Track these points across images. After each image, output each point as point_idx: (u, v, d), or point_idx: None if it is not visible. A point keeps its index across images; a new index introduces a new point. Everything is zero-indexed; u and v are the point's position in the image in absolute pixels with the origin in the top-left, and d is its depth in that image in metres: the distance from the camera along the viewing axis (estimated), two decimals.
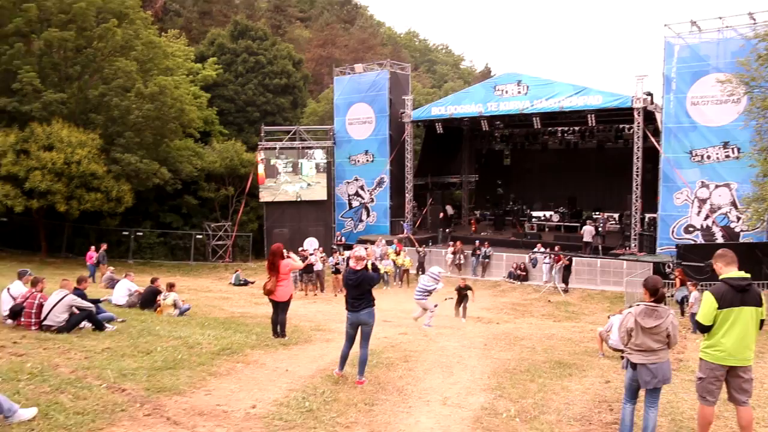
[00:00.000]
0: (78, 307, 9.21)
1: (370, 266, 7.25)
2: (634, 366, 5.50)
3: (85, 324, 9.39)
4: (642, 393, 5.59)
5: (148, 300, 13.52)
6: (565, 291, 23.52)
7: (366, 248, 7.46)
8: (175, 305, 13.09)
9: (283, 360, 8.22)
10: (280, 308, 9.89)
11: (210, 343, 8.68)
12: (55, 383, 6.02)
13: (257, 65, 42.60)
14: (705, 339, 5.52)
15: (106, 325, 9.54)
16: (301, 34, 60.18)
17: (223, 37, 43.67)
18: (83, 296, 9.63)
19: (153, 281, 13.98)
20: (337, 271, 23.67)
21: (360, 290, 7.18)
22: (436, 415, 6.16)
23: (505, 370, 8.45)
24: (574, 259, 24.71)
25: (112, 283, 17.54)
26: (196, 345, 8.45)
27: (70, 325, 9.06)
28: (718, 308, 5.33)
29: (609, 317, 11.52)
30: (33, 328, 9.04)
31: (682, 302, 18.41)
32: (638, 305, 5.56)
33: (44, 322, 9.03)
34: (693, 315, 15.51)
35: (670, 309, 5.48)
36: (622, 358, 10.59)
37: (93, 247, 22.98)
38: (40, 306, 9.09)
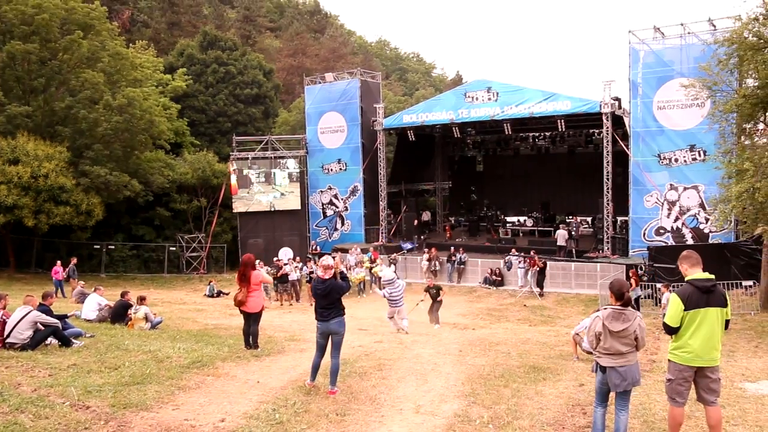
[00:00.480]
0: (43, 324, 8.98)
1: (338, 275, 7.18)
2: (603, 369, 5.50)
3: (52, 340, 9.16)
4: (613, 396, 5.59)
5: (119, 314, 13.26)
6: (541, 295, 23.65)
7: (334, 257, 7.30)
8: (146, 319, 12.86)
9: (254, 372, 8.09)
10: (252, 319, 9.76)
11: (180, 356, 8.51)
12: (15, 403, 5.83)
13: (227, 75, 42.39)
14: (673, 341, 5.54)
15: (73, 341, 9.31)
16: (272, 44, 60.03)
17: (193, 48, 43.39)
18: (48, 312, 9.40)
19: (123, 295, 13.72)
20: (312, 281, 23.50)
21: (329, 299, 7.10)
22: (408, 424, 6.10)
23: (479, 376, 8.42)
24: (548, 263, 24.88)
25: (82, 298, 17.16)
26: (165, 359, 8.28)
27: (35, 342, 8.82)
28: (685, 310, 5.36)
29: (580, 321, 11.60)
30: None
31: (637, 301, 19.36)
32: (605, 309, 5.57)
33: (7, 340, 8.77)
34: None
35: (637, 312, 5.51)
36: None
37: (59, 262, 22.55)
38: (3, 323, 8.83)
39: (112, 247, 32.55)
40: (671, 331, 5.46)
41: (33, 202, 25.54)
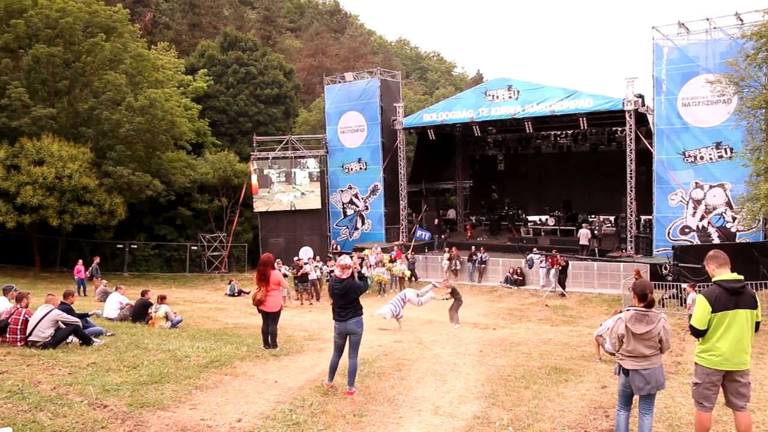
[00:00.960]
0: (64, 322, 9.04)
1: (356, 274, 7.12)
2: (626, 372, 5.35)
3: (72, 339, 9.23)
4: (636, 399, 5.44)
5: (140, 313, 13.34)
6: (563, 294, 23.39)
7: (351, 256, 7.25)
8: (166, 317, 12.92)
9: (272, 371, 8.06)
10: (271, 318, 9.74)
11: (199, 355, 8.52)
12: (34, 401, 5.86)
13: (248, 76, 42.59)
14: (700, 343, 5.36)
15: (94, 339, 9.37)
16: (292, 44, 60.24)
17: (213, 49, 43.66)
18: (70, 311, 9.47)
19: (144, 294, 13.81)
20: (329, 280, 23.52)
21: (347, 299, 7.04)
22: (426, 426, 6.01)
23: (499, 377, 8.31)
24: (571, 262, 24.61)
25: (105, 297, 17.32)
26: (184, 358, 8.29)
27: (56, 340, 8.89)
28: (712, 312, 5.17)
29: (602, 323, 11.41)
30: (19, 344, 8.87)
31: None
32: (628, 310, 5.41)
33: (29, 338, 8.85)
34: (690, 317, 15.42)
35: (661, 314, 5.34)
36: None
37: (81, 261, 22.79)
38: (26, 322, 8.91)
39: (135, 246, 32.88)
40: (698, 333, 5.28)
41: (57, 202, 25.87)
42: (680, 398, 7.32)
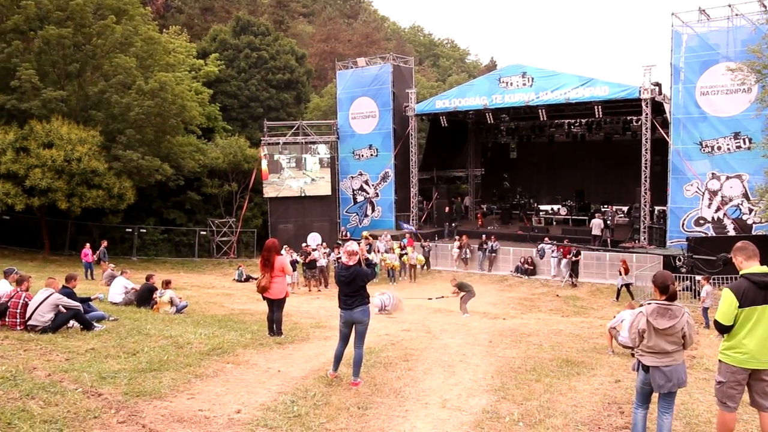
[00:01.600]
0: (65, 306, 8.87)
1: (363, 262, 6.86)
2: (646, 369, 5.05)
3: (73, 324, 9.05)
4: (655, 396, 5.15)
5: (144, 297, 13.19)
6: (574, 285, 23.08)
7: (359, 242, 6.98)
8: (171, 303, 12.76)
9: (276, 360, 7.84)
10: (275, 306, 9.53)
11: (201, 342, 8.31)
12: (26, 388, 5.66)
13: (260, 61, 42.29)
14: (725, 340, 5.03)
15: (95, 324, 9.20)
16: (304, 30, 59.80)
17: (225, 33, 43.36)
18: (71, 295, 9.28)
19: (148, 278, 13.65)
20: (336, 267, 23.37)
21: (353, 287, 6.78)
22: (433, 420, 5.76)
23: (509, 369, 8.05)
24: (582, 252, 24.29)
25: (112, 281, 17.23)
26: (185, 345, 8.09)
27: (56, 324, 8.72)
28: (739, 307, 4.84)
29: (615, 315, 11.11)
30: (18, 328, 8.70)
31: (628, 288, 20.96)
32: (649, 304, 5.08)
33: (29, 322, 8.68)
34: (705, 310, 15.10)
35: (684, 308, 5.02)
36: (632, 355, 10.20)
37: (89, 245, 22.70)
38: (25, 305, 8.74)
39: (144, 230, 32.82)
40: (723, 329, 4.95)
41: (66, 185, 25.76)
42: (697, 394, 7.05)
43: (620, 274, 21.17)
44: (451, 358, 8.60)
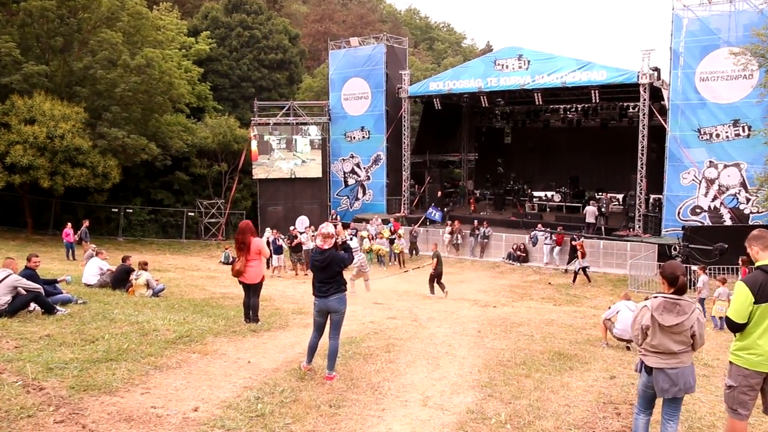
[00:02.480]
0: (24, 288, 8.29)
1: (339, 245, 6.31)
2: (649, 370, 4.50)
3: (35, 307, 8.49)
4: (659, 401, 4.61)
5: (120, 279, 12.64)
6: (566, 271, 22.62)
7: (335, 225, 6.41)
8: (147, 285, 12.20)
9: (247, 349, 7.30)
10: (252, 291, 8.99)
11: (169, 329, 7.76)
12: None
13: (252, 40, 41.45)
14: (737, 339, 4.50)
15: (58, 308, 8.62)
16: (298, 10, 58.77)
17: (217, 11, 42.46)
18: (32, 276, 8.69)
19: (125, 259, 13.08)
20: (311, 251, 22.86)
21: (328, 273, 6.23)
22: (412, 421, 5.23)
23: (498, 362, 7.55)
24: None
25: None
26: (151, 331, 7.53)
27: (14, 308, 8.12)
28: (755, 303, 4.30)
29: (611, 305, 10.63)
30: None
31: (585, 271, 21.01)
32: (655, 297, 4.52)
33: None
34: (701, 301, 14.65)
35: (694, 303, 4.46)
36: (628, 348, 9.74)
37: (69, 224, 22.07)
38: None
39: (130, 210, 32.19)
40: (736, 327, 4.42)
41: (49, 163, 25.13)
42: (698, 394, 6.54)
43: (577, 258, 21.13)
44: (437, 349, 8.09)
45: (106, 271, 13.15)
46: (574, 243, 22.65)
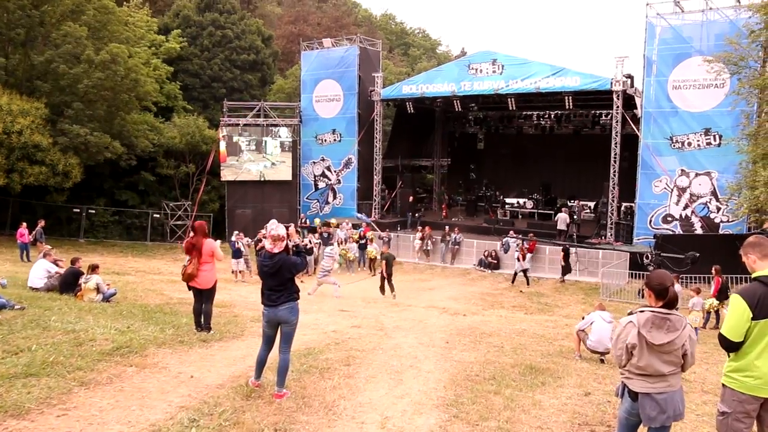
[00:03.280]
0: None
1: (291, 248, 5.74)
2: (633, 396, 3.98)
3: None
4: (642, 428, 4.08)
5: (69, 283, 11.87)
6: (562, 281, 22.08)
7: (288, 226, 5.78)
8: (97, 289, 11.47)
9: (192, 362, 6.68)
10: (205, 297, 8.37)
11: (108, 338, 7.09)
12: None
13: (224, 39, 40.60)
14: (731, 360, 4.03)
15: None
16: (273, 11, 58.02)
17: (189, 9, 41.52)
18: None
19: (74, 262, 12.31)
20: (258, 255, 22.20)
21: (278, 279, 5.64)
22: None
23: (466, 377, 7.04)
24: (547, 248, 23.56)
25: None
26: (87, 342, 6.86)
27: None
28: (753, 318, 3.83)
29: (584, 315, 10.21)
30: None
31: (525, 273, 21.67)
32: (642, 311, 4.00)
33: None
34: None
35: (685, 318, 3.95)
36: (602, 361, 9.31)
37: (25, 224, 21.08)
38: None
39: (93, 211, 31.14)
40: (731, 346, 3.93)
41: (5, 160, 24.11)
42: (691, 416, 6.10)
43: (518, 260, 21.69)
44: (401, 362, 7.55)
45: (54, 273, 12.37)
46: (526, 243, 22.56)
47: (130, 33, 33.62)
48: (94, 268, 11.71)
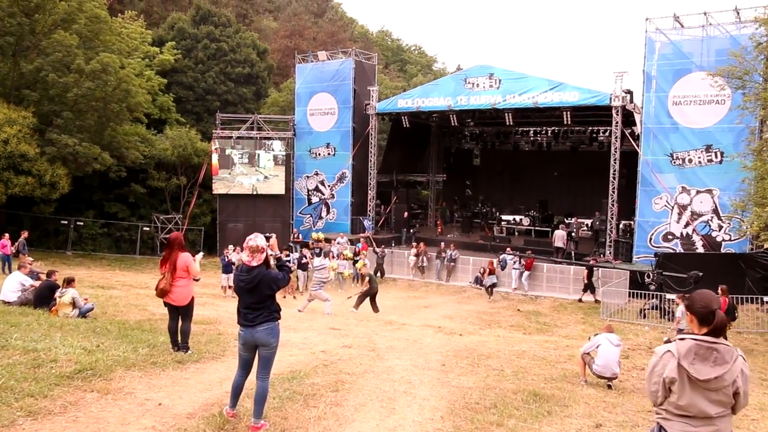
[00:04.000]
0: None
1: (271, 262, 5.15)
2: None
3: None
4: None
5: (44, 297, 11.22)
6: (597, 301, 21.17)
7: (268, 236, 5.13)
8: (73, 304, 10.82)
9: (163, 387, 6.05)
10: (181, 314, 7.72)
11: (71, 359, 6.45)
12: None
13: (219, 52, 40.22)
14: None
15: None
16: (269, 25, 57.81)
17: (184, 22, 41.17)
18: None
19: (50, 275, 11.69)
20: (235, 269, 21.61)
21: (256, 296, 5.03)
22: None
23: (464, 405, 6.43)
24: (545, 265, 23.04)
25: (32, 275, 15.13)
26: (47, 363, 6.22)
27: None
28: None
29: (591, 336, 9.60)
30: None
31: (492, 288, 22.49)
32: (682, 339, 3.32)
33: None
34: (680, 331, 13.78)
35: (735, 349, 3.27)
36: (609, 386, 8.70)
37: (7, 235, 20.43)
38: None
39: (81, 223, 30.48)
40: None
41: None
42: None
43: (489, 273, 22.73)
44: (394, 387, 6.93)
45: (29, 287, 11.73)
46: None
47: (123, 44, 33.17)
48: (69, 282, 11.06)
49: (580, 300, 21.53)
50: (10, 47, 25.95)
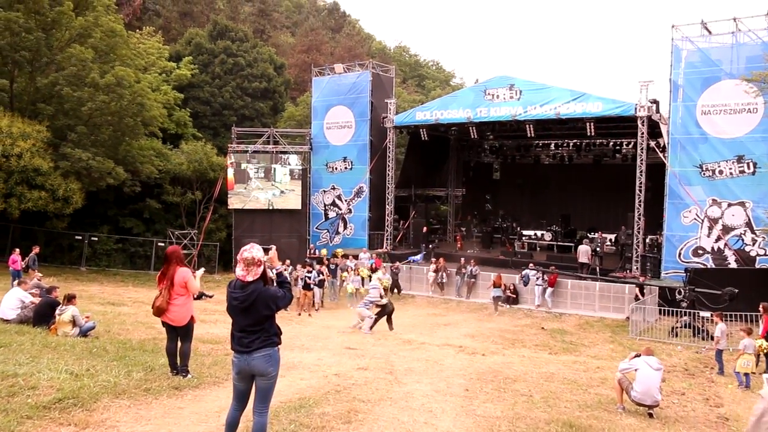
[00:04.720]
0: None
1: (270, 278, 4.48)
2: None
3: None
4: None
5: (44, 314, 10.68)
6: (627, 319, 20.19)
7: (267, 248, 4.43)
8: (73, 322, 10.26)
9: (152, 419, 5.39)
10: (180, 335, 7.07)
11: (53, 385, 5.83)
12: None
13: (236, 67, 40.10)
14: None
15: None
16: (286, 40, 57.78)
17: (201, 37, 41.17)
18: None
19: (50, 291, 11.18)
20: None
21: (252, 317, 4.34)
22: None
23: None
24: (569, 281, 22.16)
25: (39, 292, 14.65)
26: (25, 390, 5.60)
27: None
28: None
29: (630, 358, 8.77)
30: None
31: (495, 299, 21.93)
32: None
33: None
34: (719, 352, 12.89)
35: None
36: (650, 415, 7.90)
37: (17, 250, 20.01)
38: None
39: (95, 239, 30.13)
40: None
41: (3, 184, 23.22)
42: None
43: (494, 286, 22.03)
44: (413, 418, 6.22)
45: (29, 304, 11.19)
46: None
47: (140, 59, 33.07)
48: (70, 299, 10.50)
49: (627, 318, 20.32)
50: (26, 62, 25.81)
